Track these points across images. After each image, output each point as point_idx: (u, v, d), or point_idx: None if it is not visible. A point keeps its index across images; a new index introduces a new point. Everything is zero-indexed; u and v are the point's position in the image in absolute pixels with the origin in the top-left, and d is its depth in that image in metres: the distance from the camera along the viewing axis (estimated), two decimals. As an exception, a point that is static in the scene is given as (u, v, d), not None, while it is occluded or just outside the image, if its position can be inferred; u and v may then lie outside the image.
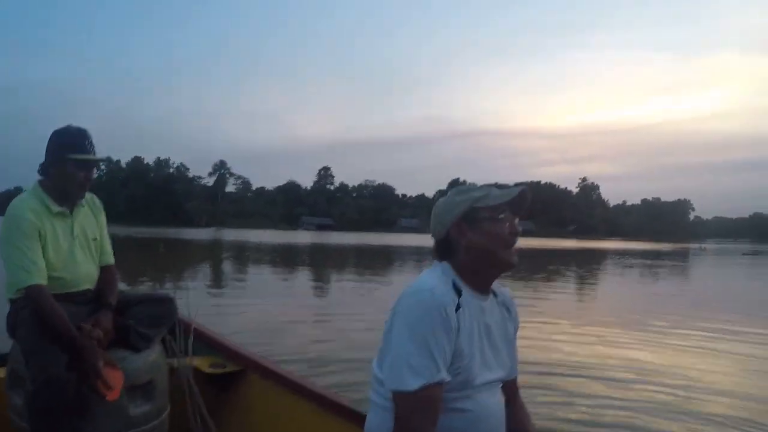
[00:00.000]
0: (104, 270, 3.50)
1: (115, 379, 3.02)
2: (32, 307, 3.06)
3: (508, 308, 2.37)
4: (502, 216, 2.18)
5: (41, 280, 3.10)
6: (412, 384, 1.94)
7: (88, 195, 3.46)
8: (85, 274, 3.37)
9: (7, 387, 3.24)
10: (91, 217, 3.49)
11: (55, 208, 3.26)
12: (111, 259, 3.57)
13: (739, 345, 11.39)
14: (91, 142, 3.30)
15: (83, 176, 3.27)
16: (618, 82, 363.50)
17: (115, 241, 3.72)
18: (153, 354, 3.38)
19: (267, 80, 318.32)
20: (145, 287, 13.71)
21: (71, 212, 3.35)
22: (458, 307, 2.06)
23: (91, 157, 3.27)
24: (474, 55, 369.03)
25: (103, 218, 3.58)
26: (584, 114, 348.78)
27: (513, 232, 2.20)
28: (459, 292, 2.12)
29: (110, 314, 3.25)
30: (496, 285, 2.32)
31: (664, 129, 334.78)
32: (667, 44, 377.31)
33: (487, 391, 2.18)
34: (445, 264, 2.22)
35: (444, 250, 2.24)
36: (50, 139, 3.28)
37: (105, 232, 3.58)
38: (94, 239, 3.47)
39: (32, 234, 3.14)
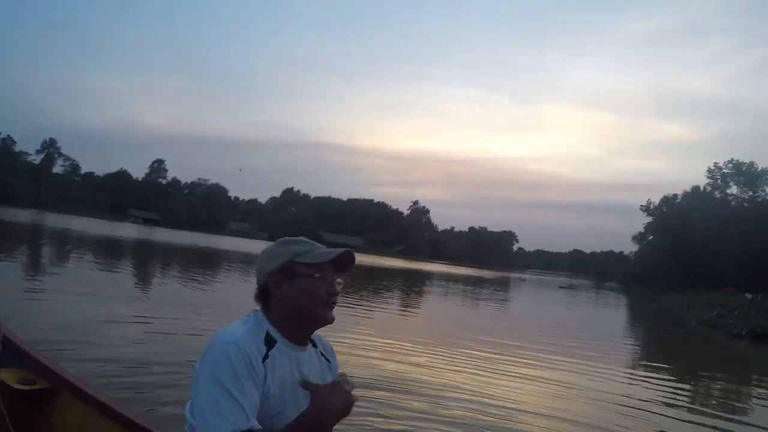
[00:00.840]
0: None
1: None
2: None
3: (327, 358, 2.44)
4: (319, 275, 2.23)
5: None
6: (222, 430, 1.94)
7: None
8: None
9: None
10: None
11: None
12: None
13: (543, 370, 12.45)
14: None
15: None
16: (457, 117, 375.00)
17: None
18: None
19: (109, 62, 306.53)
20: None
21: None
22: (266, 358, 2.10)
23: None
24: (323, 71, 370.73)
25: None
26: (422, 141, 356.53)
27: (331, 291, 2.25)
28: (272, 343, 2.16)
29: None
30: (315, 335, 2.38)
31: (495, 164, 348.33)
32: (506, 89, 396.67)
33: None
34: (260, 313, 2.26)
35: (263, 297, 2.28)
36: None
37: None
38: None
39: None
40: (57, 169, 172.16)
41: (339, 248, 2.27)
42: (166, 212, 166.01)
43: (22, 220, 60.81)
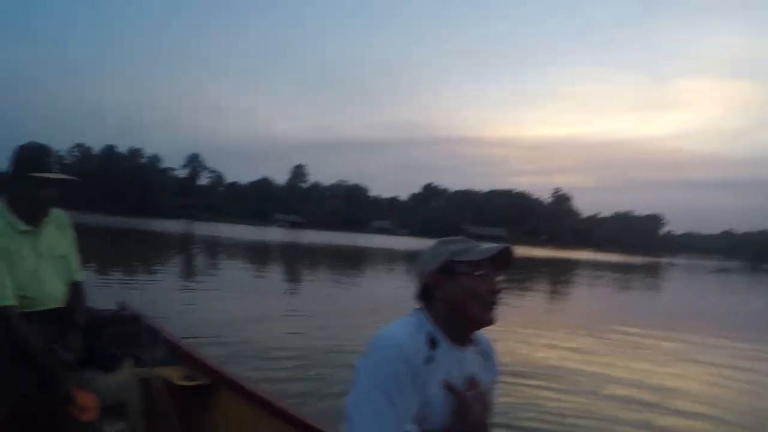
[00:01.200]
0: (73, 287, 3.43)
1: (87, 400, 2.98)
2: (4, 329, 3.00)
3: (487, 357, 2.35)
4: (481, 272, 2.16)
5: (9, 301, 3.03)
6: None
7: (56, 211, 3.38)
8: (53, 292, 3.29)
9: None
10: (58, 234, 3.41)
11: (21, 226, 3.19)
12: (79, 276, 3.50)
13: (719, 359, 11.61)
14: (54, 159, 3.23)
15: (47, 194, 3.19)
16: (591, 98, 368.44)
17: (85, 231, 3.62)
18: (123, 372, 3.37)
19: (243, 76, 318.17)
20: (116, 293, 13.43)
21: (38, 231, 3.26)
22: (428, 361, 2.06)
23: (53, 175, 3.17)
24: (451, 64, 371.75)
25: (71, 234, 3.51)
26: (557, 127, 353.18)
27: (492, 290, 2.17)
28: (434, 345, 2.10)
29: (79, 335, 3.23)
30: (476, 333, 2.28)
31: (635, 145, 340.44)
32: (638, 66, 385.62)
33: None
34: (422, 313, 2.20)
35: (424, 297, 2.23)
36: (12, 156, 3.19)
37: (73, 248, 3.50)
38: (62, 256, 3.39)
39: None
40: (203, 181, 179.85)
41: (497, 245, 2.19)
42: (309, 215, 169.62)
43: (172, 230, 63.37)
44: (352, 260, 39.61)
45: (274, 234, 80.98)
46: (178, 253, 33.58)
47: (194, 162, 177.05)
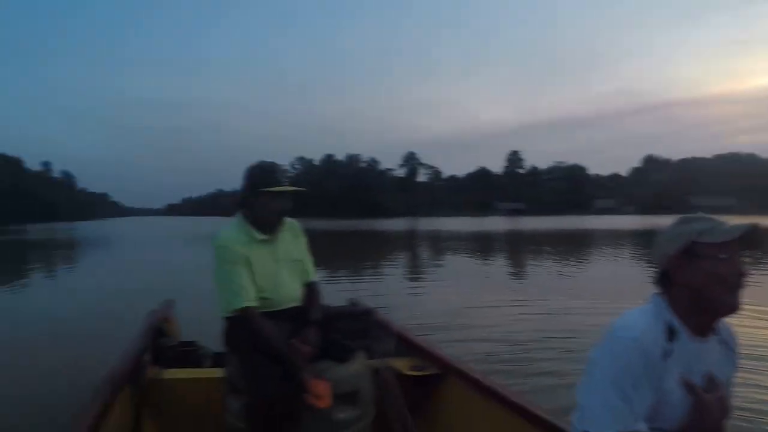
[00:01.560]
0: (308, 287, 3.77)
1: (323, 389, 3.23)
2: (247, 328, 3.38)
3: (728, 346, 2.18)
4: (726, 255, 1.97)
5: (251, 302, 3.40)
6: (607, 429, 1.91)
7: (289, 220, 3.72)
8: (290, 293, 3.64)
9: (226, 392, 3.59)
10: (292, 241, 3.76)
11: (259, 236, 3.54)
12: (313, 277, 3.83)
13: None
14: (282, 173, 3.57)
15: (278, 206, 3.52)
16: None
17: (315, 236, 3.92)
18: (357, 363, 3.58)
19: (444, 70, 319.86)
20: (346, 291, 13.92)
21: (274, 239, 3.62)
22: (666, 354, 1.96)
23: (282, 188, 3.49)
24: (653, 23, 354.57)
25: (303, 240, 3.85)
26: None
27: (739, 273, 1.97)
28: (672, 334, 2.00)
29: (315, 329, 3.53)
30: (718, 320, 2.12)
31: None
32: None
33: None
34: (661, 300, 2.08)
35: (663, 282, 2.10)
36: (245, 174, 3.56)
37: (306, 252, 3.84)
38: (297, 260, 3.74)
39: (239, 261, 3.45)
40: (421, 178, 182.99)
41: (745, 224, 1.97)
42: (529, 200, 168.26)
43: (396, 228, 64.66)
44: (576, 244, 38.60)
45: (495, 223, 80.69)
46: (403, 249, 34.40)
47: (411, 160, 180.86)
